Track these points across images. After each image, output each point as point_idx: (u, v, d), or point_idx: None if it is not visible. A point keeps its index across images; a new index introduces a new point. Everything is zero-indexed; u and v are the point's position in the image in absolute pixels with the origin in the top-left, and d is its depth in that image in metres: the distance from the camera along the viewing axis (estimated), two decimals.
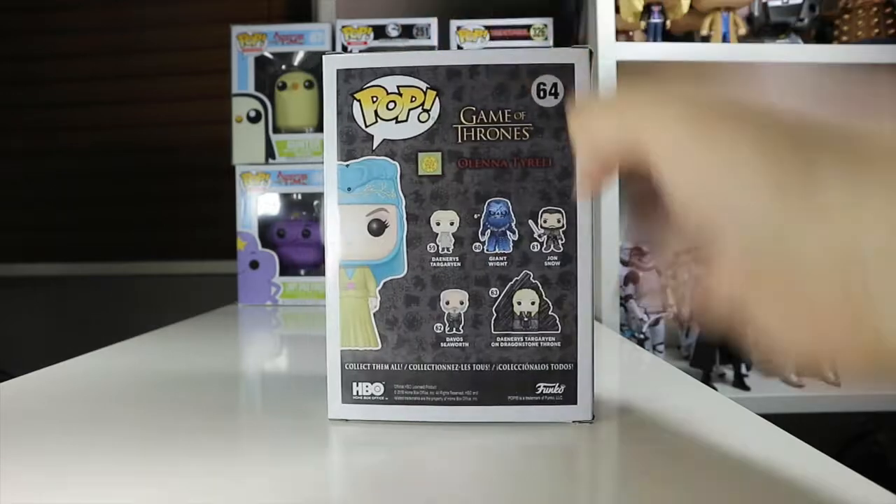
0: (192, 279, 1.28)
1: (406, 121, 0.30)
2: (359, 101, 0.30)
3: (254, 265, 0.83)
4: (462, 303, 0.30)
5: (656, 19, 0.86)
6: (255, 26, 0.85)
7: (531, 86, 0.30)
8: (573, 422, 0.30)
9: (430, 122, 0.30)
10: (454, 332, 0.30)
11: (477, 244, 0.30)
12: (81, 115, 1.36)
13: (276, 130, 0.84)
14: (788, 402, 0.81)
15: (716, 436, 0.28)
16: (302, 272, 0.84)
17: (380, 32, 0.84)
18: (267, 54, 0.85)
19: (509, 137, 0.30)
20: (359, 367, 0.30)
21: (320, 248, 0.84)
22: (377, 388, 0.30)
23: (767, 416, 0.30)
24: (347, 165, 0.30)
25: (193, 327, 0.63)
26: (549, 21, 0.86)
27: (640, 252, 0.92)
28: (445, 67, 0.30)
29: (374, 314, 0.30)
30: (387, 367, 0.30)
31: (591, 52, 0.30)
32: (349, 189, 0.30)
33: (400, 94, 0.30)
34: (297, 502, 0.21)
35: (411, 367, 0.30)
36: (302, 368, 0.45)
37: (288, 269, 0.83)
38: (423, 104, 0.30)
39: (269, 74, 0.85)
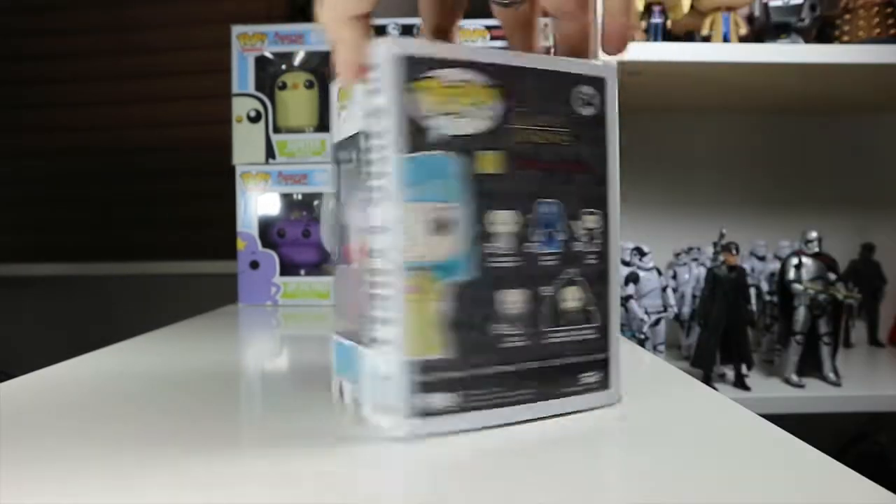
0: (192, 279, 1.28)
1: (467, 116, 0.29)
2: (419, 91, 0.28)
3: (254, 265, 0.83)
4: (521, 302, 0.30)
5: (657, 19, 0.86)
6: (255, 26, 0.85)
7: (571, 94, 0.31)
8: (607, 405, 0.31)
9: (492, 120, 0.29)
10: (514, 331, 0.30)
11: (531, 244, 0.30)
12: (81, 115, 1.36)
13: (277, 130, 0.84)
14: (788, 402, 0.81)
15: (716, 436, 0.28)
16: (302, 272, 0.84)
17: (380, 32, 0.84)
18: (267, 54, 0.85)
19: (555, 142, 0.30)
20: (426, 377, 0.28)
21: (321, 248, 0.84)
22: (449, 399, 0.28)
23: (767, 416, 0.30)
24: (411, 159, 0.28)
25: (193, 327, 0.63)
26: (549, 21, 0.86)
27: (640, 252, 0.92)
28: (507, 67, 0.30)
29: (438, 318, 0.28)
30: (455, 373, 0.28)
31: (618, 65, 0.32)
32: (411, 184, 0.28)
33: (462, 88, 0.29)
34: None
35: (478, 370, 0.29)
36: (303, 369, 0.45)
37: (288, 269, 0.83)
38: (484, 100, 0.29)
39: (269, 74, 0.85)
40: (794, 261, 0.86)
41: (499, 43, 0.85)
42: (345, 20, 0.28)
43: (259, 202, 0.83)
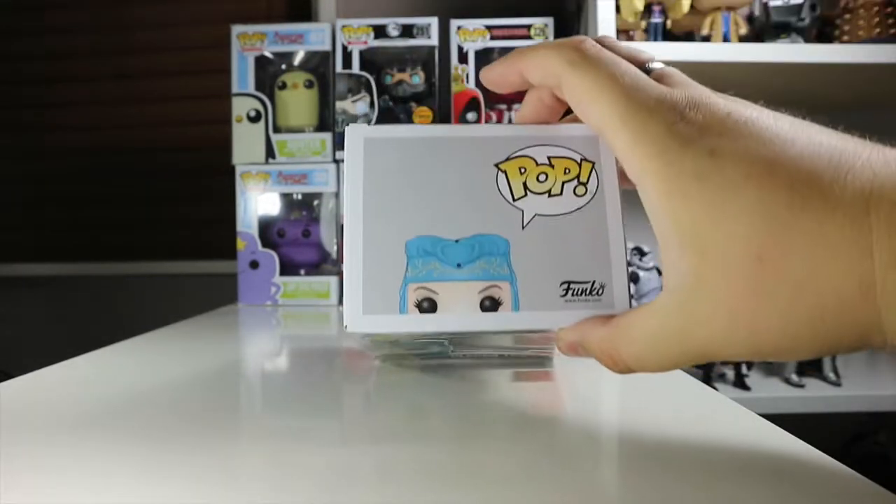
0: (192, 279, 1.28)
1: None
2: None
3: (254, 265, 0.83)
4: None
5: (657, 19, 0.86)
6: (255, 26, 0.85)
7: None
8: None
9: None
10: None
11: None
12: (81, 115, 1.36)
13: (277, 130, 0.84)
14: (788, 402, 0.81)
15: (716, 436, 0.28)
16: (302, 272, 0.84)
17: (380, 32, 0.84)
18: (267, 54, 0.85)
19: None
20: None
21: (321, 248, 0.84)
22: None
23: (767, 416, 0.30)
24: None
25: (193, 327, 0.63)
26: (549, 21, 0.86)
27: (640, 252, 0.92)
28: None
29: None
30: None
31: None
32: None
33: None
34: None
35: None
36: (304, 368, 0.45)
37: (288, 268, 0.83)
38: None
39: (269, 74, 0.85)
40: None
41: (499, 43, 0.85)
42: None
43: (259, 202, 0.83)
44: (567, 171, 0.27)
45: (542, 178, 0.27)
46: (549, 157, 0.27)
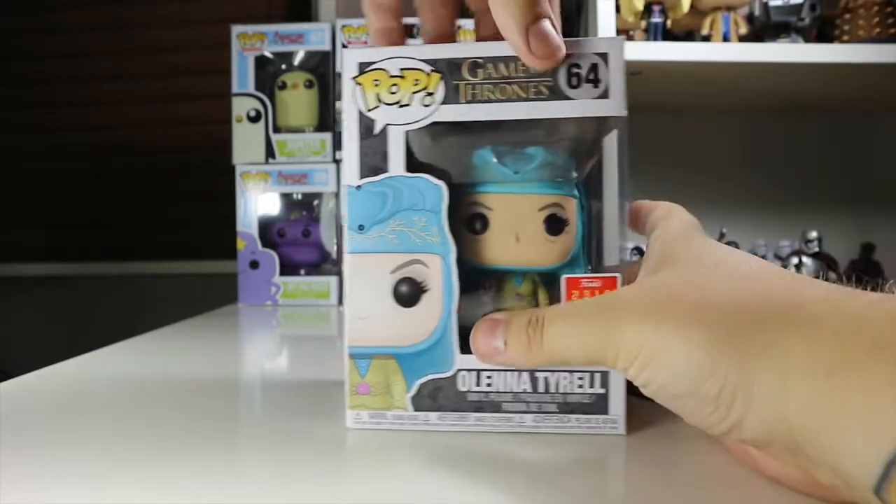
0: (192, 279, 1.28)
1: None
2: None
3: (254, 265, 0.83)
4: None
5: (657, 19, 0.86)
6: (255, 26, 0.85)
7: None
8: None
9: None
10: None
11: None
12: (81, 115, 1.36)
13: (277, 130, 0.84)
14: None
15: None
16: (302, 272, 0.84)
17: None
18: (267, 54, 0.85)
19: None
20: None
21: (321, 248, 0.84)
22: None
23: None
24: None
25: (193, 327, 0.63)
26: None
27: (640, 252, 0.92)
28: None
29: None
30: None
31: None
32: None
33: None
34: None
35: None
36: (304, 369, 0.45)
37: (288, 268, 0.83)
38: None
39: (269, 74, 0.85)
40: (794, 260, 0.86)
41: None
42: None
43: (259, 202, 0.83)
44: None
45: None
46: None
